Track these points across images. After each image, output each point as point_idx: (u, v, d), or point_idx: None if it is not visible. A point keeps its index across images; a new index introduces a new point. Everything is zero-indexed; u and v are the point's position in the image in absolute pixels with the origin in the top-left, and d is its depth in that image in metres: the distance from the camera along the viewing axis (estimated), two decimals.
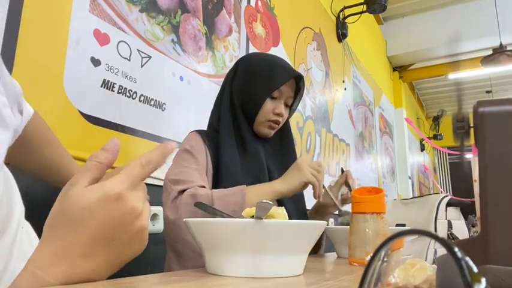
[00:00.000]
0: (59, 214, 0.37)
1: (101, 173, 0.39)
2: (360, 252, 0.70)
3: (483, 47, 4.29)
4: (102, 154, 0.40)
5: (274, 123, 0.98)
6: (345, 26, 3.15)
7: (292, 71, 1.00)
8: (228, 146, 0.94)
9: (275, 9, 2.14)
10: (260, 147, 0.99)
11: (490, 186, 0.38)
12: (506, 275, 0.30)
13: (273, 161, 1.02)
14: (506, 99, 0.40)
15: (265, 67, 0.98)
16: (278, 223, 0.48)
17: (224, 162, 0.91)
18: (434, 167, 7.90)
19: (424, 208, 1.22)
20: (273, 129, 1.00)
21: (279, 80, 0.96)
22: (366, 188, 0.76)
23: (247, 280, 0.45)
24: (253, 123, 0.99)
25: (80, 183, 0.37)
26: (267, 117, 0.97)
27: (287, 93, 0.99)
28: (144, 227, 0.39)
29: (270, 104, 0.97)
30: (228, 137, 0.95)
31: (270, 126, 0.99)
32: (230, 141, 0.94)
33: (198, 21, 1.48)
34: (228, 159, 0.92)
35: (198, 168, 0.89)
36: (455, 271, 0.16)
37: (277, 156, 1.04)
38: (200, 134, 0.96)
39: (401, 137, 5.02)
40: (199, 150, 0.92)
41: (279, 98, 0.98)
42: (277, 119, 0.98)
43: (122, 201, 0.37)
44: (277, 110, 0.97)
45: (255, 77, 0.98)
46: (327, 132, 2.72)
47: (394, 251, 0.28)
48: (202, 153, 0.92)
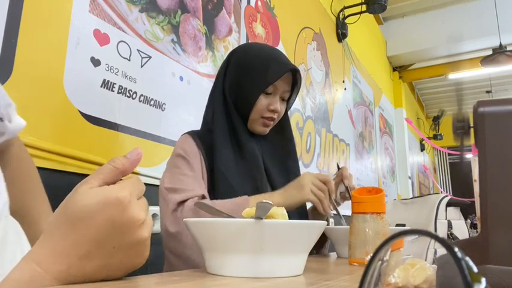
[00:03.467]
0: (62, 210, 0.37)
1: (114, 178, 0.39)
2: (360, 252, 0.70)
3: (483, 47, 4.29)
4: (119, 160, 0.40)
5: (268, 120, 0.93)
6: (344, 26, 3.15)
7: (287, 64, 0.92)
8: (223, 147, 0.90)
9: (275, 9, 2.14)
10: (256, 146, 0.95)
11: (490, 186, 0.38)
12: (506, 275, 0.30)
13: (270, 159, 0.98)
14: (506, 99, 0.40)
15: (258, 61, 0.91)
16: (278, 223, 0.48)
17: (219, 165, 0.87)
18: (434, 167, 7.90)
19: (424, 208, 1.22)
20: (268, 127, 0.95)
21: (273, 74, 0.89)
22: (366, 188, 0.76)
23: (247, 280, 0.45)
24: (247, 120, 0.94)
25: (89, 183, 0.37)
26: (261, 114, 0.92)
27: (282, 87, 0.93)
28: (144, 239, 0.38)
29: (264, 100, 0.92)
30: (223, 137, 0.91)
31: (264, 124, 0.94)
32: (225, 142, 0.91)
33: (198, 21, 1.48)
34: (222, 162, 0.88)
35: (193, 174, 0.85)
36: (455, 271, 0.16)
37: (276, 154, 1.00)
38: (193, 136, 0.92)
39: (401, 137, 5.02)
40: (192, 155, 0.88)
41: (273, 93, 0.92)
42: (271, 115, 0.93)
43: (122, 207, 0.36)
44: (272, 106, 0.92)
45: (247, 72, 0.92)
46: (326, 132, 2.72)
47: (394, 251, 0.28)
48: (197, 158, 0.88)
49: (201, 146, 0.90)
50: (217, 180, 0.87)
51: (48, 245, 0.36)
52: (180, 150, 0.88)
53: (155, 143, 1.24)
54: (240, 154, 0.92)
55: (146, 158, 1.20)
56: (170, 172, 0.86)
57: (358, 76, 3.60)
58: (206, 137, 0.92)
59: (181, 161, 0.87)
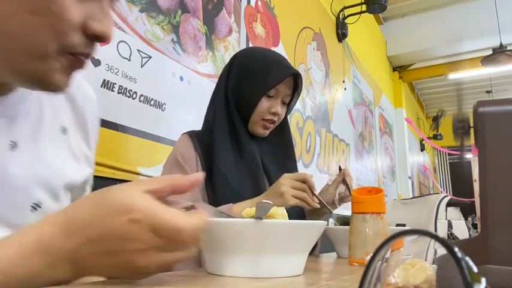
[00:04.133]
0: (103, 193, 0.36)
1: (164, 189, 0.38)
2: (359, 252, 0.70)
3: (483, 47, 4.29)
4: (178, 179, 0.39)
5: (269, 122, 0.95)
6: (344, 26, 3.15)
7: (289, 68, 0.95)
8: (223, 147, 0.91)
9: (275, 9, 2.14)
10: (255, 148, 0.96)
11: (490, 186, 0.38)
12: (506, 275, 0.30)
13: (270, 161, 0.99)
14: (506, 99, 0.40)
15: (260, 64, 0.93)
16: (278, 223, 0.48)
17: (218, 165, 0.89)
18: (434, 167, 7.90)
19: (424, 208, 1.22)
20: (268, 129, 0.97)
21: (275, 78, 0.92)
22: (366, 188, 0.76)
23: (247, 280, 0.45)
24: (248, 122, 0.96)
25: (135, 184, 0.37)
26: (262, 116, 0.94)
27: (284, 91, 0.95)
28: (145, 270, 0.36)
29: (266, 103, 0.93)
30: (223, 137, 0.93)
31: (264, 126, 0.96)
32: (225, 142, 0.92)
33: (198, 21, 1.48)
34: (222, 162, 0.89)
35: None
36: (455, 271, 0.16)
37: (275, 156, 1.01)
38: (191, 137, 0.93)
39: (401, 137, 5.02)
40: (188, 159, 0.89)
41: (275, 96, 0.94)
42: (272, 118, 0.95)
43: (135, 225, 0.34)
44: (273, 109, 0.94)
45: (249, 75, 0.94)
46: (326, 132, 2.72)
47: (394, 251, 0.28)
48: (192, 162, 0.90)
49: (198, 147, 0.91)
50: (217, 180, 0.88)
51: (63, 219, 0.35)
52: (177, 155, 0.90)
53: (155, 143, 1.24)
54: (239, 154, 0.94)
55: (146, 157, 1.21)
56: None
57: (358, 76, 3.60)
58: (206, 137, 0.94)
59: (176, 167, 0.89)
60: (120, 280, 0.39)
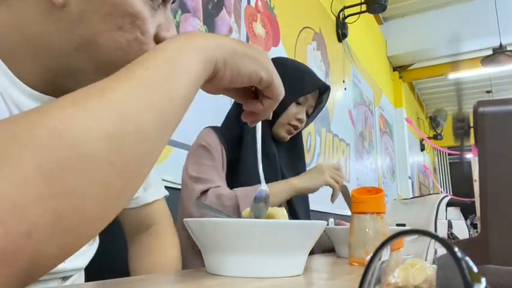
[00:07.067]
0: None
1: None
2: (359, 252, 0.70)
3: (483, 47, 4.29)
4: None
5: (294, 128, 1.01)
6: (345, 26, 3.15)
7: (320, 80, 1.04)
8: (249, 144, 0.96)
9: (275, 9, 2.14)
10: (275, 150, 1.01)
11: (490, 186, 0.38)
12: (506, 275, 0.30)
13: (285, 165, 1.04)
14: (506, 99, 0.40)
15: (295, 71, 1.00)
16: (278, 223, 0.48)
17: (247, 160, 0.94)
18: (434, 167, 7.90)
19: (424, 208, 1.22)
20: (291, 134, 1.03)
21: (309, 85, 0.99)
22: (366, 188, 0.76)
23: (247, 280, 0.45)
24: (273, 124, 1.00)
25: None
26: (289, 120, 1.00)
27: (310, 101, 1.02)
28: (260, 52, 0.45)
29: (294, 109, 1.00)
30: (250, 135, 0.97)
31: (289, 131, 1.01)
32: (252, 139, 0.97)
33: (198, 21, 1.48)
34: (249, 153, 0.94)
35: (214, 165, 0.92)
36: (455, 271, 0.16)
37: (290, 161, 1.07)
38: (216, 131, 0.98)
39: (401, 137, 5.02)
40: (214, 146, 0.94)
41: (303, 104, 1.01)
42: (297, 124, 1.01)
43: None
44: (300, 116, 1.00)
45: (284, 79, 0.98)
46: (327, 132, 2.72)
47: (394, 251, 0.28)
48: (218, 150, 0.94)
49: (223, 141, 0.96)
50: (243, 173, 0.94)
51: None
52: (203, 141, 0.95)
53: None
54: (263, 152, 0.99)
55: None
56: (194, 161, 0.93)
57: (358, 76, 3.60)
58: (228, 132, 0.99)
59: (204, 151, 0.93)
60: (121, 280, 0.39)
